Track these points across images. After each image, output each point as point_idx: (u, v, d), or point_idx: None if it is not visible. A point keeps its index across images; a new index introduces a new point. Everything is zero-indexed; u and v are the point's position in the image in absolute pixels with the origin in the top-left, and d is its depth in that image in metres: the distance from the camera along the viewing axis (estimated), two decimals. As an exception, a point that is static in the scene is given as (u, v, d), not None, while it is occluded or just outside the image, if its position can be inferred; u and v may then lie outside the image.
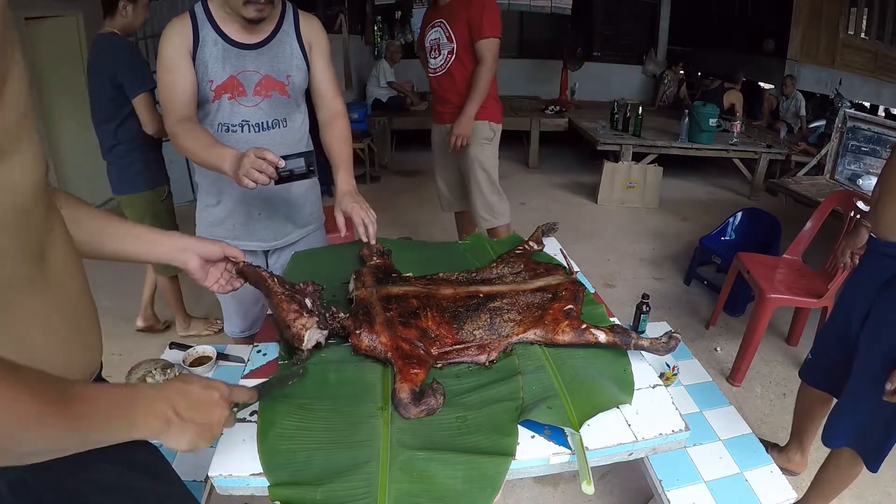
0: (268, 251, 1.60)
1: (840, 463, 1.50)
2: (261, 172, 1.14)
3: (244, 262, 1.05)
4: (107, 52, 2.08)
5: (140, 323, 2.64)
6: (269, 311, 1.20)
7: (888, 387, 1.21)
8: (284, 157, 1.18)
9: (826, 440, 1.48)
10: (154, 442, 0.67)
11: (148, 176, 2.28)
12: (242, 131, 1.40)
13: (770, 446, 1.88)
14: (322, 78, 1.49)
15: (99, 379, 0.77)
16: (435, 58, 2.54)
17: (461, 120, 2.47)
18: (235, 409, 0.72)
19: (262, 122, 1.41)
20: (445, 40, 2.46)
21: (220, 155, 1.22)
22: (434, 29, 2.51)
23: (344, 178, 1.43)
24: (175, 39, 1.31)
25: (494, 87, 2.55)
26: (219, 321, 2.61)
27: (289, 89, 1.42)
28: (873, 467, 1.40)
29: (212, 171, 1.28)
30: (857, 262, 1.71)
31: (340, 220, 1.35)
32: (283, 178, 1.20)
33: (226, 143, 1.33)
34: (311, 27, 1.45)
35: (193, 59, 1.32)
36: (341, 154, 1.48)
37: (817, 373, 1.66)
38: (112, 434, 0.54)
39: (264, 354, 1.11)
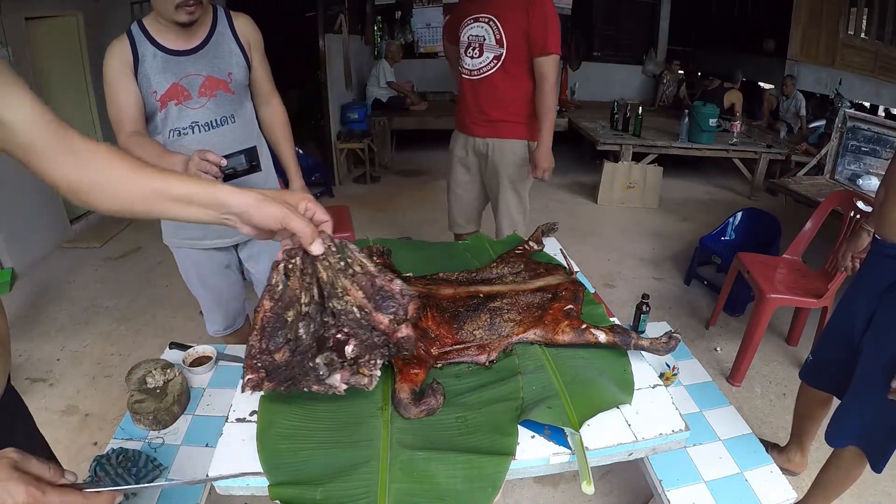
0: (238, 245, 1.68)
1: (842, 464, 1.50)
2: (206, 173, 1.21)
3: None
4: None
5: None
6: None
7: (894, 385, 1.21)
8: (226, 157, 1.25)
9: (829, 440, 1.47)
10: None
11: None
12: (193, 133, 1.46)
13: (770, 446, 1.88)
14: (260, 74, 1.59)
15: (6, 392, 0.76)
16: (474, 57, 2.21)
17: (541, 151, 2.20)
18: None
19: (211, 121, 1.47)
20: (494, 42, 2.15)
21: (170, 162, 1.29)
22: (478, 24, 2.17)
23: (295, 179, 1.69)
24: (115, 60, 1.37)
25: (532, 104, 2.27)
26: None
27: (232, 86, 1.49)
28: (878, 468, 1.39)
29: None
30: (857, 265, 1.70)
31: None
32: (228, 175, 1.27)
33: (178, 146, 1.41)
34: (246, 25, 1.53)
35: (136, 75, 1.38)
36: (287, 152, 1.69)
37: (818, 374, 1.66)
38: None
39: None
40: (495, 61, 2.18)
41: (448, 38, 2.44)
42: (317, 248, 0.78)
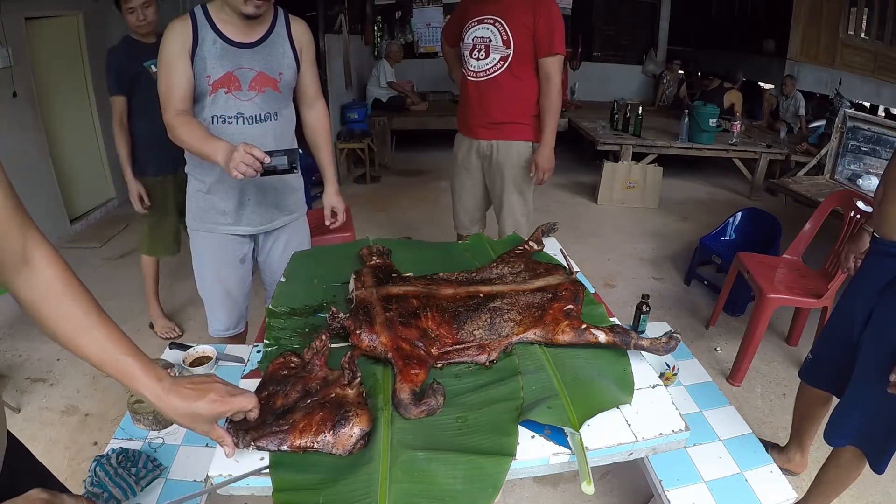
0: (256, 235, 1.71)
1: (841, 463, 1.50)
2: (248, 166, 1.25)
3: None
4: None
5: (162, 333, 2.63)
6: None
7: (892, 378, 1.21)
8: (270, 154, 1.28)
9: (829, 439, 1.47)
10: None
11: (152, 163, 2.33)
12: (237, 123, 1.50)
13: (770, 446, 1.88)
14: (308, 79, 1.65)
15: (7, 459, 0.72)
16: (479, 59, 2.19)
17: (543, 152, 2.20)
18: None
19: (256, 115, 1.52)
20: (501, 43, 2.13)
21: (214, 147, 1.31)
22: (484, 26, 2.16)
23: (332, 183, 1.82)
24: (175, 39, 1.40)
25: (536, 104, 2.27)
26: (177, 329, 2.63)
27: (280, 86, 1.54)
28: (879, 468, 1.39)
29: (205, 159, 1.36)
30: (859, 265, 1.71)
31: (328, 212, 1.79)
32: (268, 171, 1.30)
33: (221, 134, 1.44)
34: (301, 31, 1.58)
35: (193, 57, 1.41)
36: (327, 157, 1.81)
37: (818, 373, 1.66)
38: None
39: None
40: (502, 62, 2.17)
41: (448, 40, 2.43)
42: (253, 415, 0.80)
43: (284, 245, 1.75)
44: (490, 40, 2.16)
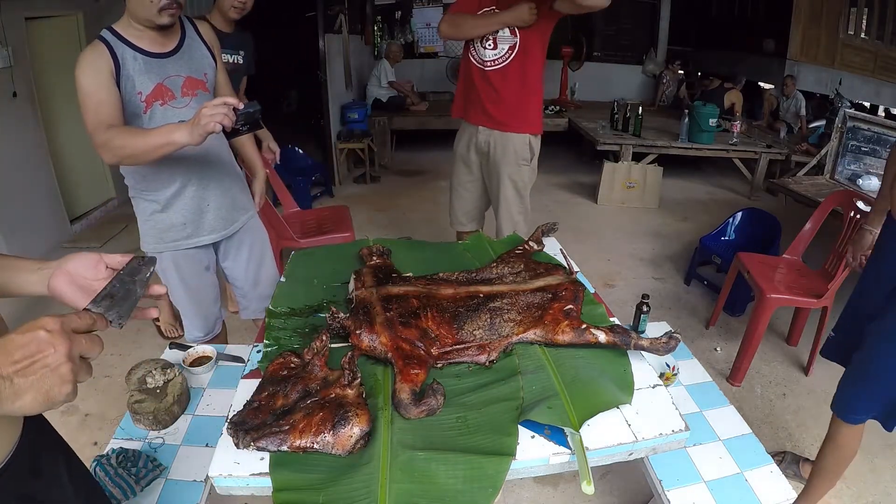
0: (217, 243, 1.72)
1: (839, 444, 1.52)
2: (224, 115, 1.20)
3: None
4: None
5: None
6: (232, 310, 1.23)
7: None
8: (244, 107, 1.25)
9: (848, 416, 1.48)
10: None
11: None
12: None
13: (803, 461, 1.87)
14: (222, 77, 1.68)
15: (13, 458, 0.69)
16: (488, 48, 2.22)
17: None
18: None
19: None
20: (507, 32, 2.18)
21: (167, 129, 1.27)
22: None
23: (259, 170, 1.87)
24: (94, 67, 1.35)
25: (540, 96, 2.29)
26: (179, 329, 2.62)
27: (208, 85, 1.57)
28: (891, 427, 1.44)
29: (159, 152, 1.29)
30: (863, 262, 1.73)
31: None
32: (235, 128, 1.24)
33: None
34: (208, 30, 1.62)
35: (118, 79, 1.38)
36: (251, 150, 1.85)
37: (840, 349, 1.68)
38: None
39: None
40: (510, 51, 2.19)
41: (464, 9, 2.30)
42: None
43: (249, 247, 1.78)
44: (497, 30, 2.18)
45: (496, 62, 2.22)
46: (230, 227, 1.69)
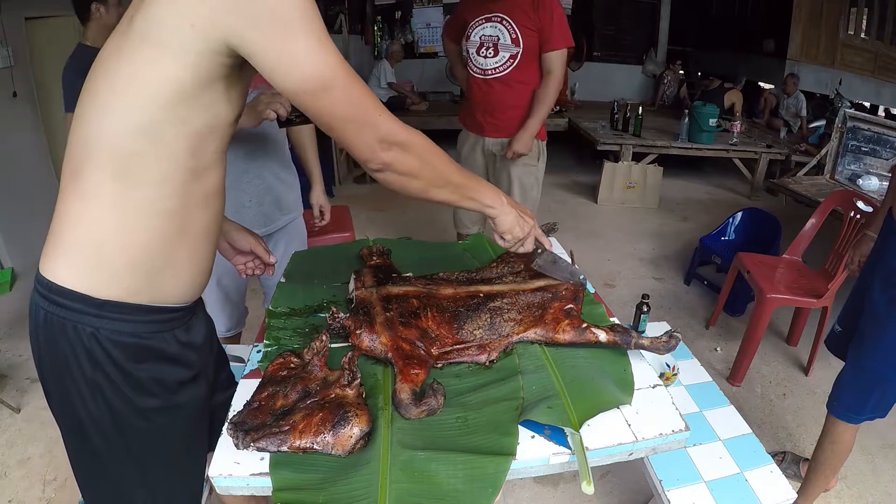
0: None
1: (836, 438, 1.53)
2: (280, 104, 1.36)
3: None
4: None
5: None
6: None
7: None
8: None
9: (852, 417, 1.49)
10: None
11: None
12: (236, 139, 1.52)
13: (803, 461, 1.87)
14: None
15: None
16: (488, 57, 2.21)
17: (523, 137, 2.20)
18: None
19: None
20: (510, 42, 2.15)
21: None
22: (490, 24, 2.18)
23: (318, 182, 1.86)
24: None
25: None
26: None
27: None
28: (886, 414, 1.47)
29: None
30: (861, 264, 1.73)
31: (316, 211, 1.84)
32: (292, 115, 1.41)
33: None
34: None
35: None
36: (313, 159, 1.83)
37: (844, 343, 1.68)
38: (479, 196, 0.95)
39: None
40: (511, 60, 2.19)
41: (451, 37, 2.44)
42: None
43: (284, 248, 1.76)
44: (498, 38, 2.18)
45: (497, 70, 2.22)
46: (270, 226, 1.68)
